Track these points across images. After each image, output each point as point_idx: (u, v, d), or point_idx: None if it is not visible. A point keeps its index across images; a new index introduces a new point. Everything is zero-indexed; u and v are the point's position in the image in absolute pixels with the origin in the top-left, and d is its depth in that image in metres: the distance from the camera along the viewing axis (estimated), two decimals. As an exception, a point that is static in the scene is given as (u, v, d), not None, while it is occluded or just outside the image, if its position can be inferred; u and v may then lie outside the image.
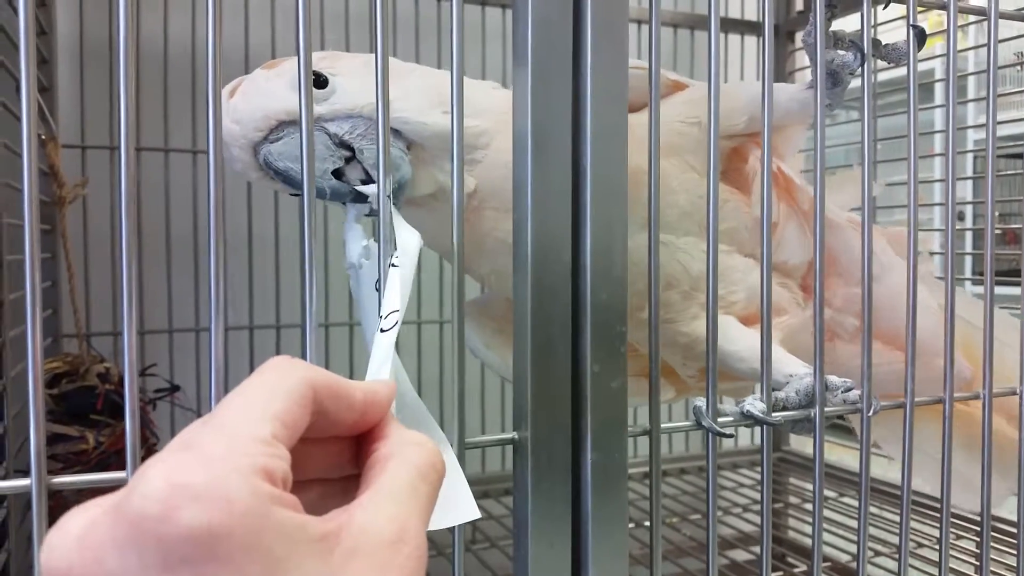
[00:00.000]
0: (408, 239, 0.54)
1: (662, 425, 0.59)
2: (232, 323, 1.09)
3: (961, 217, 1.69)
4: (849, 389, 0.63)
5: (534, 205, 0.55)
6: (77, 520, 0.26)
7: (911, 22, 0.65)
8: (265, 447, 0.27)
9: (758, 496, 1.22)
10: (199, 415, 1.01)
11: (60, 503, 0.81)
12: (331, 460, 0.35)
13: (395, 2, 1.16)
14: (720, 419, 0.59)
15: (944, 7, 0.69)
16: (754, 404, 0.60)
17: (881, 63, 0.74)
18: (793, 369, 0.66)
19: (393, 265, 0.53)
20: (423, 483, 0.31)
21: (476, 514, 0.43)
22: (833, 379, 0.63)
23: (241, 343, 1.11)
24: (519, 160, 0.56)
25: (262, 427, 0.28)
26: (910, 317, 0.64)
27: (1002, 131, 0.75)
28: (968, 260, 1.41)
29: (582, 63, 0.56)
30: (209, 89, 0.47)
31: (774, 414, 0.61)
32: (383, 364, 0.44)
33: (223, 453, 0.26)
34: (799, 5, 1.40)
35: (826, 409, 0.62)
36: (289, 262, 1.12)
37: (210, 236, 0.46)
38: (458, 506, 0.35)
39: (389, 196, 0.51)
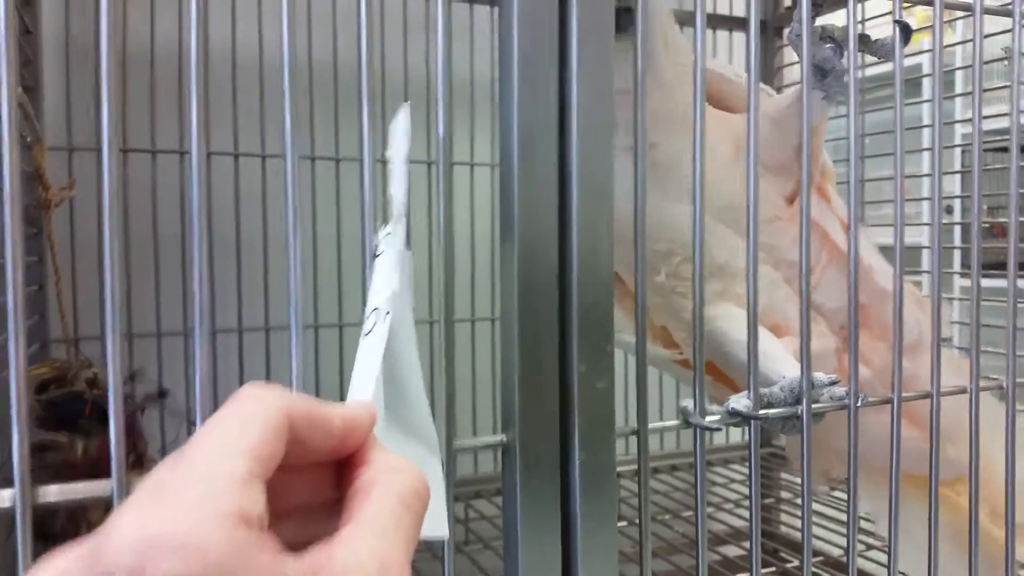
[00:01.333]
0: (399, 195, 0.51)
1: (650, 424, 0.59)
2: (220, 326, 1.08)
3: (950, 211, 1.69)
4: (834, 383, 0.63)
5: (521, 205, 0.55)
6: (46, 572, 0.25)
7: (896, 17, 0.65)
8: (240, 486, 0.26)
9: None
10: (188, 420, 1.01)
11: (49, 510, 0.81)
12: (311, 487, 0.34)
13: (383, 1, 1.16)
14: (707, 418, 0.59)
15: (930, 2, 0.69)
16: (739, 401, 0.60)
17: (868, 58, 0.74)
18: (789, 371, 0.66)
19: (376, 255, 0.51)
20: (406, 512, 0.31)
21: (445, 533, 0.42)
22: (819, 376, 0.63)
23: (230, 346, 1.10)
24: (505, 160, 0.56)
25: (236, 464, 0.27)
26: (897, 311, 0.64)
27: (989, 125, 0.76)
28: (957, 254, 1.41)
29: (568, 66, 0.56)
30: (193, 89, 0.47)
31: (761, 411, 0.61)
32: (366, 377, 0.42)
33: (197, 498, 0.25)
34: (787, 0, 1.40)
35: (813, 405, 0.62)
36: (278, 264, 1.11)
37: (194, 239, 0.46)
38: (429, 520, 0.34)
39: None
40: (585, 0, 0.55)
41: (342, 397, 0.41)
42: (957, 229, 1.37)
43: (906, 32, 0.65)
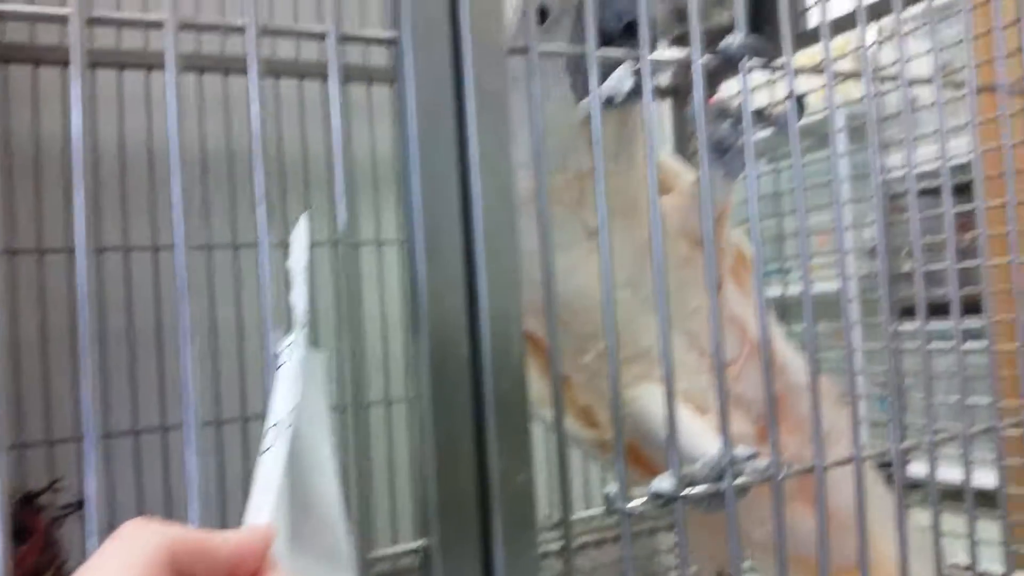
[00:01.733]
0: (300, 304, 0.50)
1: (575, 515, 0.57)
2: (144, 425, 1.04)
3: (873, 255, 1.73)
4: (754, 456, 0.63)
5: (429, 299, 0.54)
6: None
7: (791, 91, 0.67)
8: None
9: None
10: (112, 528, 0.95)
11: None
12: None
13: (278, 86, 1.14)
14: (631, 502, 0.58)
15: (821, 71, 0.71)
16: (662, 482, 0.59)
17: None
18: (710, 447, 0.65)
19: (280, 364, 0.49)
20: None
21: None
22: (739, 450, 0.62)
23: (125, 448, 1.05)
24: (412, 253, 0.55)
25: None
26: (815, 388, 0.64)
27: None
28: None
29: (469, 157, 0.55)
30: (76, 186, 0.45)
31: (684, 491, 0.60)
32: (264, 497, 0.41)
33: None
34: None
35: (736, 480, 0.61)
36: (175, 359, 1.06)
37: (83, 339, 0.44)
38: None
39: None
40: (480, 83, 0.55)
41: (247, 494, 0.39)
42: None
43: (800, 106, 0.67)
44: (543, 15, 0.74)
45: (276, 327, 0.49)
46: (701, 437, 0.68)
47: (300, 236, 0.58)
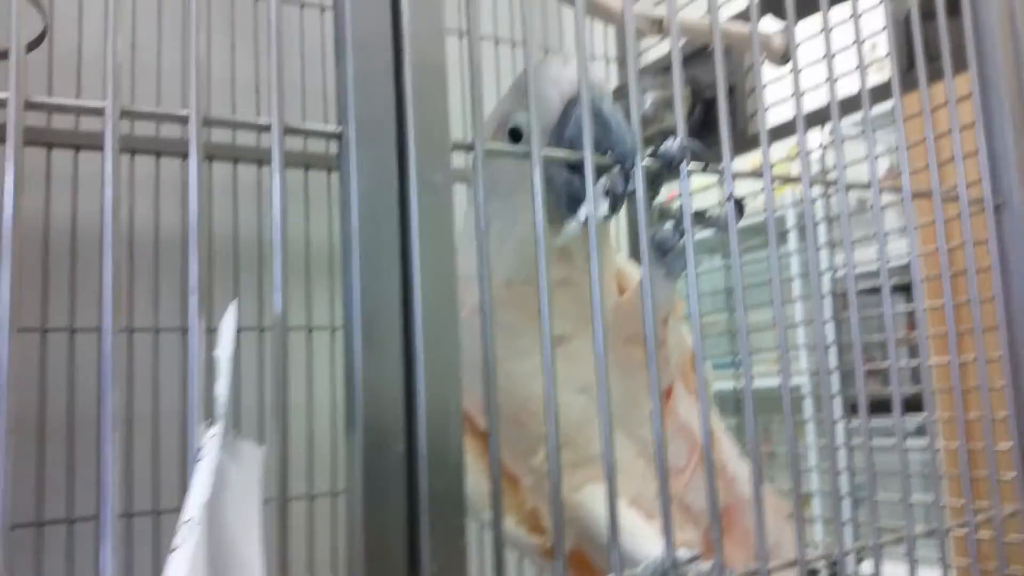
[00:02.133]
0: (223, 395, 0.48)
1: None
2: (49, 516, 0.98)
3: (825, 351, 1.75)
4: (696, 558, 0.62)
5: (366, 391, 0.53)
6: None
7: (730, 193, 0.68)
8: None
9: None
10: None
11: None
12: None
13: (236, 171, 1.14)
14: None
15: (760, 175, 0.73)
16: (604, 587, 0.58)
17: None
18: (655, 550, 0.64)
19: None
20: None
21: None
22: (681, 552, 0.61)
23: (58, 539, 0.99)
24: (350, 344, 0.54)
25: None
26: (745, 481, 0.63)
27: (859, 269, 0.80)
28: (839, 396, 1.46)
29: (411, 251, 0.55)
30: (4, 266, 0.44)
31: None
32: None
33: None
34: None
35: (679, 585, 0.60)
36: (87, 448, 1.00)
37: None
38: None
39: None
40: (424, 177, 0.55)
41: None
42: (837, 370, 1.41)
43: (739, 208, 0.68)
44: (518, 136, 0.75)
45: (198, 419, 0.48)
46: (645, 540, 0.66)
47: (228, 325, 0.57)
